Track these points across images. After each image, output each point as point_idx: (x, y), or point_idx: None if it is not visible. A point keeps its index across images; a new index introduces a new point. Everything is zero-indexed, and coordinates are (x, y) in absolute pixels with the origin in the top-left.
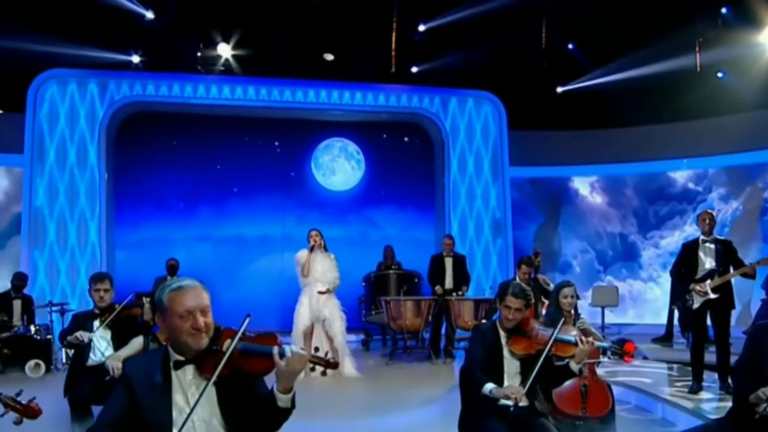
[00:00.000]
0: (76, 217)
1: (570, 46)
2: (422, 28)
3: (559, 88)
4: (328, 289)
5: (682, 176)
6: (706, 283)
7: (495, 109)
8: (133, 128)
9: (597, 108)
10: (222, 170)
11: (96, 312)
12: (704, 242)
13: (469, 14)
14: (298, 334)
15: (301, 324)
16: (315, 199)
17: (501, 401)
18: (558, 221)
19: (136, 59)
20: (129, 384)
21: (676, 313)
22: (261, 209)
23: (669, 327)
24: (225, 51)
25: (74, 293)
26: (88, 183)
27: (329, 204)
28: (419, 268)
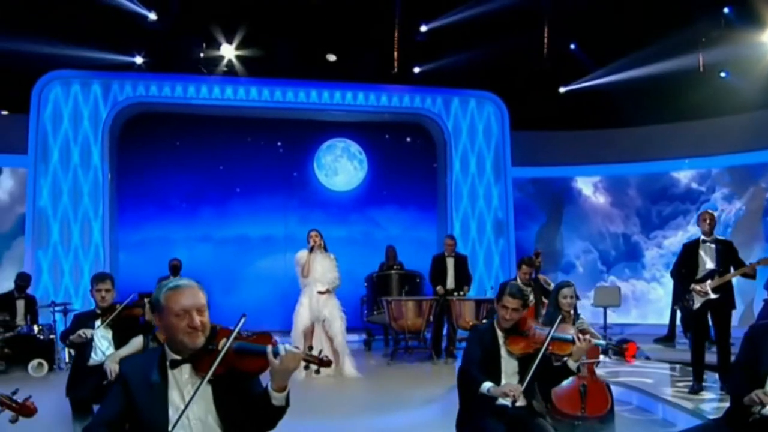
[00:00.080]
0: (80, 218)
1: (572, 46)
2: (424, 29)
3: (562, 88)
4: (328, 290)
5: (686, 176)
6: (707, 284)
7: (497, 110)
8: (136, 129)
9: (599, 108)
10: (225, 171)
11: (97, 312)
12: (704, 242)
13: (471, 14)
14: (298, 334)
15: (301, 324)
16: (317, 200)
17: (499, 401)
18: (560, 221)
19: (139, 60)
20: (126, 383)
21: (678, 314)
22: (264, 209)
23: (671, 327)
24: (227, 52)
25: (77, 293)
26: (92, 183)
27: (332, 204)
28: (421, 268)
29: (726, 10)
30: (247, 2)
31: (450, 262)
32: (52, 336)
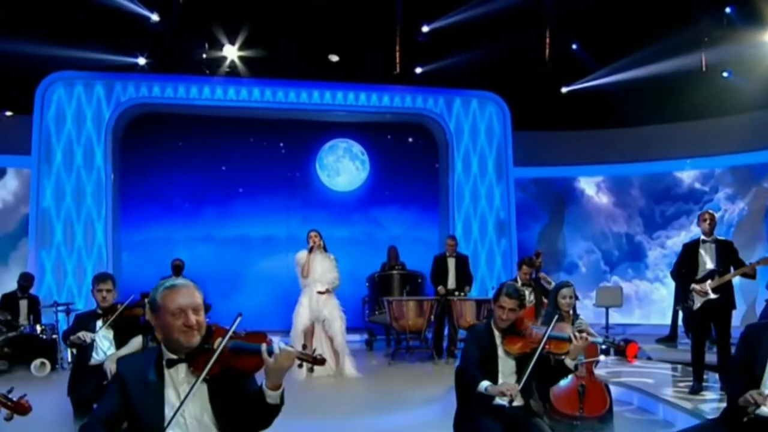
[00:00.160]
0: (83, 218)
1: (574, 46)
2: (426, 29)
3: (564, 89)
4: (328, 290)
5: (689, 176)
6: (707, 284)
7: (499, 110)
8: (139, 130)
9: (602, 108)
10: (227, 171)
11: (99, 312)
12: (704, 242)
13: (473, 15)
14: (297, 334)
15: (300, 324)
16: (320, 200)
17: (496, 400)
18: (563, 221)
19: (142, 61)
20: (123, 382)
21: (681, 314)
22: (266, 210)
23: (673, 327)
24: (230, 52)
25: (81, 293)
26: (95, 184)
27: (334, 204)
28: (424, 268)
29: (728, 10)
30: (250, 3)
31: (451, 263)
32: (55, 336)
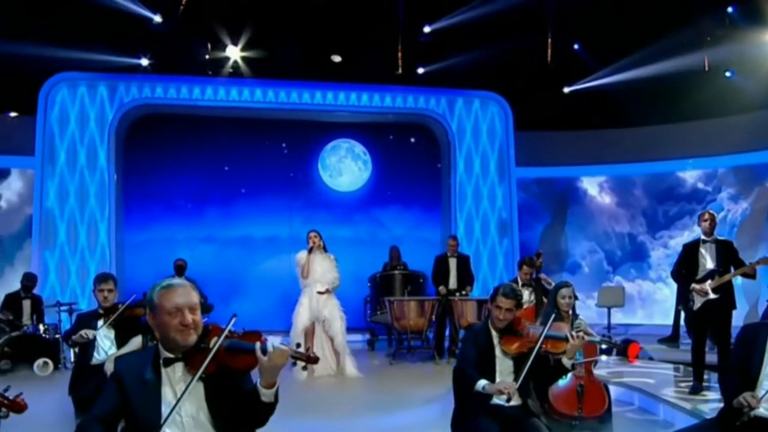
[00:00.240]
0: (86, 218)
1: (576, 46)
2: (428, 30)
3: (566, 89)
4: (328, 290)
5: (692, 176)
6: (707, 284)
7: (501, 110)
8: (142, 130)
9: (604, 108)
10: (229, 171)
11: (100, 312)
12: (705, 242)
13: (475, 15)
14: (297, 334)
15: (300, 324)
16: (322, 200)
17: (494, 400)
18: (565, 221)
19: (145, 62)
20: (120, 380)
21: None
22: (268, 210)
23: (675, 328)
24: (232, 53)
25: (84, 293)
26: (98, 184)
27: (336, 205)
28: (426, 268)
29: (730, 9)
30: (252, 4)
31: (452, 263)
32: (58, 335)
